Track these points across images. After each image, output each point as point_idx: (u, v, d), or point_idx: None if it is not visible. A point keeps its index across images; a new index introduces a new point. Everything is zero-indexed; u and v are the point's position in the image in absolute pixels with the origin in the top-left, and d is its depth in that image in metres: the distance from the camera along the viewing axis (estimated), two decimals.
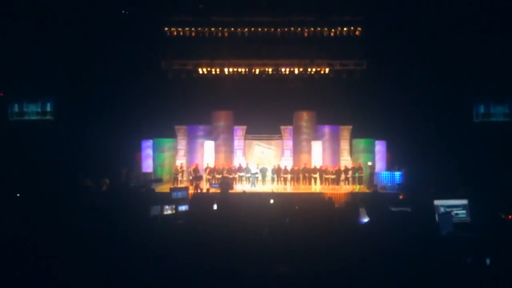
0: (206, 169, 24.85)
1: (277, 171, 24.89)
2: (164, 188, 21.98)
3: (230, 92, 27.79)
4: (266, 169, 25.12)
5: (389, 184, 23.72)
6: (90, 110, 25.34)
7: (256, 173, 24.67)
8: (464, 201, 8.53)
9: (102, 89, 25.94)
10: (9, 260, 4.88)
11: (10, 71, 24.28)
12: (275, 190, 22.09)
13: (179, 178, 24.81)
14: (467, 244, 6.08)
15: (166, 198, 10.78)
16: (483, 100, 26.84)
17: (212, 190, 20.64)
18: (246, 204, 12.50)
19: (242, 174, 24.92)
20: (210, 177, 24.41)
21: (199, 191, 15.22)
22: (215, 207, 10.85)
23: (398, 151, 26.17)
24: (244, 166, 25.47)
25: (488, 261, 5.26)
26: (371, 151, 27.17)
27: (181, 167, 25.44)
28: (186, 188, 12.40)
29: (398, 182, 23.64)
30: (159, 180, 17.77)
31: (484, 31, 23.16)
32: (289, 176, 24.78)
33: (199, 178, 23.26)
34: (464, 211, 8.44)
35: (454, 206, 8.41)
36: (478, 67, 24.42)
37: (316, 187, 23.98)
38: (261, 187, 24.10)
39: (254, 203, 13.10)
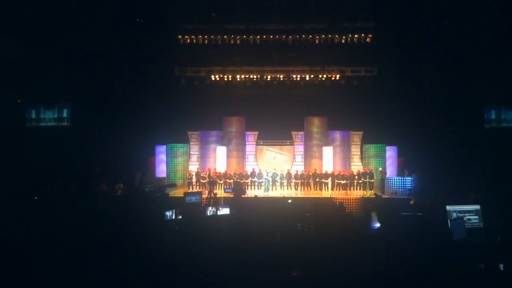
0: (218, 174, 24.87)
1: (288, 177, 24.83)
2: (178, 192, 22.07)
3: (242, 99, 27.85)
4: (277, 175, 25.08)
5: (400, 190, 23.52)
6: (105, 116, 25.55)
7: (268, 178, 24.65)
8: (476, 207, 8.40)
9: (117, 96, 26.18)
10: (19, 262, 4.90)
11: (28, 77, 24.59)
12: (286, 195, 22.02)
13: (194, 183, 24.87)
14: (480, 250, 5.99)
15: (181, 203, 10.77)
16: (494, 105, 26.54)
17: (226, 195, 20.67)
18: (258, 209, 12.49)
19: (254, 179, 24.90)
20: (222, 182, 24.45)
21: (212, 196, 15.22)
22: (224, 211, 10.88)
23: (409, 157, 25.93)
24: (256, 171, 25.45)
25: (501, 266, 5.18)
26: (382, 157, 26.98)
27: (200, 172, 25.49)
28: (200, 193, 12.38)
29: (409, 187, 23.43)
30: (173, 185, 17.81)
31: (495, 37, 22.93)
32: (299, 181, 24.70)
33: (213, 183, 23.31)
34: (476, 217, 8.31)
35: (466, 211, 8.28)
36: (489, 73, 24.16)
37: (327, 192, 23.86)
38: (272, 192, 24.05)
39: (266, 208, 13.10)
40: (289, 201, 16.02)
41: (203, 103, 27.39)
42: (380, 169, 25.97)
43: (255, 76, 27.62)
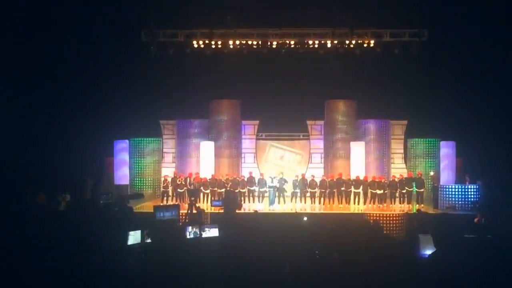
0: (202, 180, 24.82)
1: (302, 184, 24.79)
2: (146, 206, 22.02)
3: (236, 74, 27.81)
4: (286, 181, 25.04)
5: (461, 203, 23.52)
6: (42, 101, 25.35)
7: (274, 186, 24.60)
8: None
9: (58, 72, 25.87)
10: None
11: None
12: (299, 211, 21.97)
13: (169, 193, 24.80)
14: None
15: (149, 221, 10.75)
16: None
17: (213, 210, 20.60)
18: (259, 230, 12.44)
19: (253, 188, 24.86)
20: (207, 190, 24.40)
21: (194, 210, 15.18)
22: (211, 233, 10.82)
23: (472, 156, 25.88)
24: (256, 176, 25.41)
25: None
26: (434, 156, 26.96)
27: (178, 177, 25.38)
28: (177, 207, 12.36)
29: (472, 199, 23.42)
30: (139, 196, 17.77)
31: None
32: (318, 190, 24.69)
33: (196, 193, 23.20)
34: None
35: None
36: None
37: (357, 207, 23.84)
38: (280, 207, 24.04)
39: (270, 228, 13.03)
40: (305, 218, 16.01)
41: (181, 81, 27.45)
42: (432, 173, 25.92)
43: (255, 42, 27.51)
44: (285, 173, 26.13)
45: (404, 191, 24.25)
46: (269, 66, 27.84)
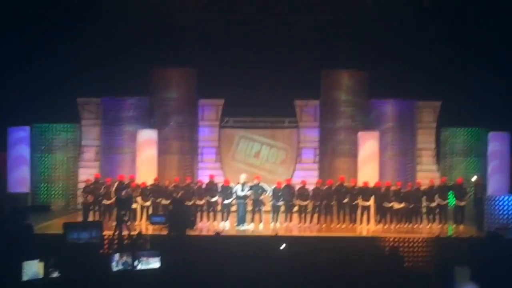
0: (136, 186, 24.71)
1: (288, 194, 24.77)
2: (55, 224, 21.91)
3: (191, 31, 27.93)
4: (264, 190, 25.02)
5: None
6: None
7: (246, 197, 24.57)
8: None
9: None
10: None
11: None
12: (280, 233, 22.02)
13: (88, 204, 24.63)
14: None
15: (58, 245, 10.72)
16: None
17: (152, 231, 20.56)
18: (220, 261, 12.47)
19: (214, 199, 24.82)
20: (146, 202, 24.31)
21: (125, 230, 15.11)
22: (149, 264, 10.83)
23: None
24: (220, 182, 25.37)
25: None
26: (479, 153, 27.25)
27: (100, 182, 25.18)
28: (98, 226, 12.35)
29: None
30: (43, 209, 17.75)
31: None
32: (311, 203, 24.71)
33: (127, 204, 23.14)
34: None
35: None
36: None
37: (367, 227, 23.98)
38: (253, 226, 24.03)
39: (237, 259, 13.07)
40: (283, 246, 16.06)
41: (109, 40, 27.52)
42: (475, 178, 26.08)
43: None
44: (262, 178, 26.13)
45: (435, 204, 24.40)
46: (238, 19, 27.97)
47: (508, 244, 19.72)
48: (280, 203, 24.56)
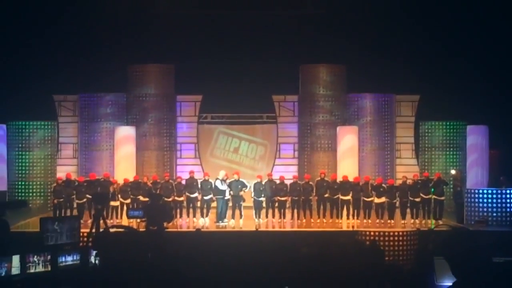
0: (115, 184, 24.53)
1: (269, 189, 24.69)
2: (31, 222, 21.81)
3: (169, 27, 27.80)
4: (245, 185, 24.93)
5: (495, 215, 23.77)
6: None
7: (224, 191, 24.46)
8: None
9: None
10: None
11: None
12: (260, 228, 21.96)
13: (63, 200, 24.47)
14: None
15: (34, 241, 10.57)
16: None
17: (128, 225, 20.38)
18: (201, 257, 12.40)
19: (194, 195, 24.71)
20: (126, 199, 24.14)
21: (103, 226, 14.97)
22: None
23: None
24: (199, 177, 25.29)
25: None
26: (458, 147, 27.34)
27: (76, 181, 24.98)
28: (76, 219, 12.23)
29: (511, 209, 23.70)
30: (20, 204, 17.56)
31: None
32: (290, 198, 24.66)
33: (103, 198, 22.91)
34: None
35: None
36: None
37: (347, 222, 23.96)
38: (233, 222, 23.95)
39: (219, 255, 13.00)
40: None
41: (86, 36, 27.41)
42: (453, 171, 26.12)
43: None
44: (241, 173, 26.07)
45: (416, 199, 24.37)
46: (216, 15, 27.85)
47: (489, 235, 19.79)
48: (261, 198, 24.51)
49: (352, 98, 28.40)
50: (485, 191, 24.40)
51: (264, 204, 24.50)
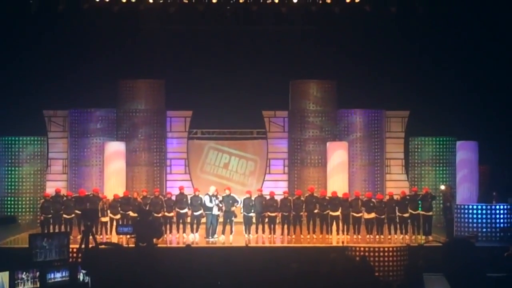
0: (109, 201, 24.48)
1: (259, 204, 24.65)
2: (20, 238, 21.75)
3: (159, 43, 27.93)
4: (236, 201, 24.88)
5: (485, 230, 23.80)
6: None
7: (211, 208, 24.40)
8: None
9: None
10: None
11: None
12: (250, 244, 21.92)
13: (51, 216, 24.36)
14: None
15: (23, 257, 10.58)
16: None
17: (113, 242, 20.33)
18: (191, 272, 12.39)
19: (184, 210, 24.65)
20: (116, 215, 24.07)
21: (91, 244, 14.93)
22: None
23: (503, 163, 26.25)
24: (189, 193, 25.23)
25: None
26: (448, 163, 27.38)
27: (64, 196, 24.88)
28: (65, 236, 12.20)
29: (502, 224, 23.72)
30: (9, 220, 17.56)
31: None
32: (280, 213, 24.62)
33: (92, 215, 22.82)
34: None
35: None
36: None
37: (337, 237, 23.93)
38: (223, 237, 23.88)
39: (208, 270, 13.00)
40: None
41: (76, 52, 27.34)
42: (443, 187, 26.14)
43: None
44: (232, 189, 26.01)
45: (406, 215, 24.37)
46: (206, 30, 27.90)
47: (479, 251, 19.75)
48: (251, 214, 24.49)
49: (342, 114, 28.45)
50: (474, 207, 24.45)
51: (254, 220, 24.47)
